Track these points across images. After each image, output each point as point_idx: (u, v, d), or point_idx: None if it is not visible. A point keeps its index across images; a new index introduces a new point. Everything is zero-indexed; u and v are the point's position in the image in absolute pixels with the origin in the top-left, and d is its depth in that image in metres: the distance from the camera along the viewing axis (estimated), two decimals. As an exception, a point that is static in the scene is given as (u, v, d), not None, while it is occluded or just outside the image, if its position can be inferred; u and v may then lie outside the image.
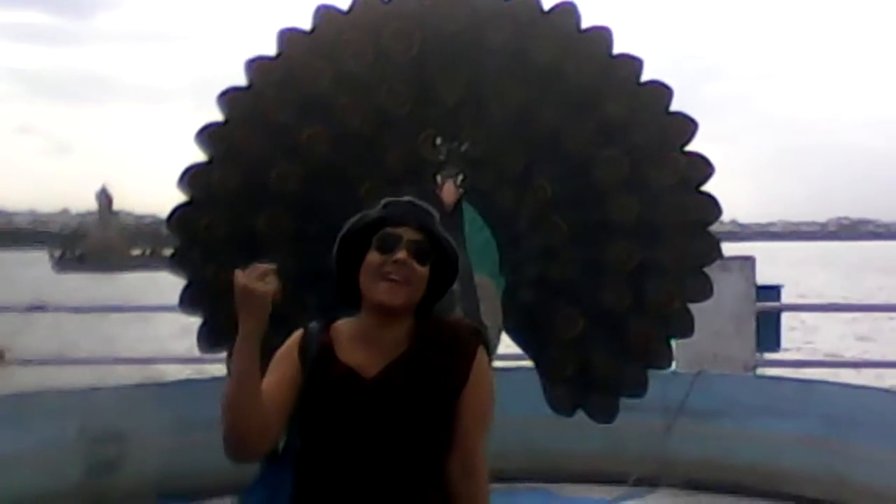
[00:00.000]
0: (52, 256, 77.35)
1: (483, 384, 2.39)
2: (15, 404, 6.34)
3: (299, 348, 2.40)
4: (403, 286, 2.32)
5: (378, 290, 2.31)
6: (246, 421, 2.25)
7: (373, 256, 2.33)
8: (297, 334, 2.44)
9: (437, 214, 2.43)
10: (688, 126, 5.28)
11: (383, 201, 2.42)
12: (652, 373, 5.43)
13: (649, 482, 6.66)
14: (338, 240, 2.41)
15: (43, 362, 8.68)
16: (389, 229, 2.33)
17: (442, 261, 2.39)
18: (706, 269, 5.37)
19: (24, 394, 6.76)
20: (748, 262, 7.56)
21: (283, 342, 2.46)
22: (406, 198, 2.44)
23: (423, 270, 2.34)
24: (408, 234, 2.33)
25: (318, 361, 2.35)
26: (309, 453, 2.33)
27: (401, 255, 2.31)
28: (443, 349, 2.37)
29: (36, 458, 5.99)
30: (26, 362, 8.35)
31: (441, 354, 2.36)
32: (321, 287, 2.85)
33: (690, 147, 5.29)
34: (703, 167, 5.29)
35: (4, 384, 7.25)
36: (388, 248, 2.32)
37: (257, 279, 2.28)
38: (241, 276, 2.27)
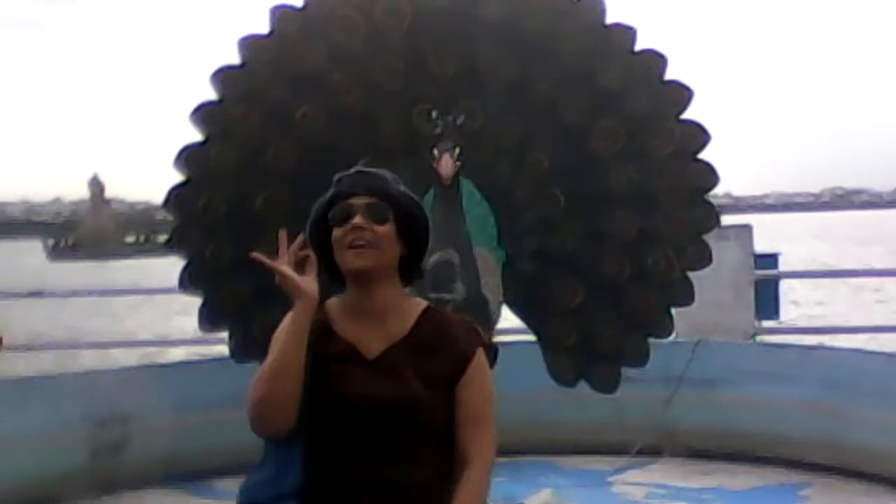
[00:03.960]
0: (45, 245, 77.13)
1: (480, 384, 2.39)
2: (18, 388, 6.35)
3: None
4: (369, 249, 2.34)
5: (347, 259, 2.34)
6: (283, 392, 2.28)
7: (335, 232, 2.36)
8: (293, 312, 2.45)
9: (389, 176, 2.44)
10: (683, 94, 5.27)
11: (335, 178, 2.44)
12: (652, 342, 5.44)
13: (652, 452, 6.70)
14: (306, 229, 2.43)
15: (42, 347, 8.70)
16: (342, 202, 2.37)
17: (406, 215, 2.40)
18: (704, 237, 5.37)
19: (26, 378, 6.79)
20: (745, 230, 7.58)
21: (280, 318, 2.47)
22: (354, 168, 2.46)
23: (384, 229, 2.35)
24: (359, 200, 2.36)
25: (318, 338, 2.36)
26: (314, 429, 2.34)
27: (357, 220, 2.34)
28: (443, 341, 2.38)
29: (41, 441, 6.02)
30: (26, 348, 8.38)
31: (440, 345, 2.38)
32: (321, 265, 2.85)
33: (686, 115, 5.29)
34: (699, 135, 5.27)
35: (4, 369, 7.27)
36: (344, 219, 2.35)
37: (295, 261, 2.32)
38: (282, 267, 2.31)
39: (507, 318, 5.34)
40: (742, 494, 6.18)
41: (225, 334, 5.52)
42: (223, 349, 5.71)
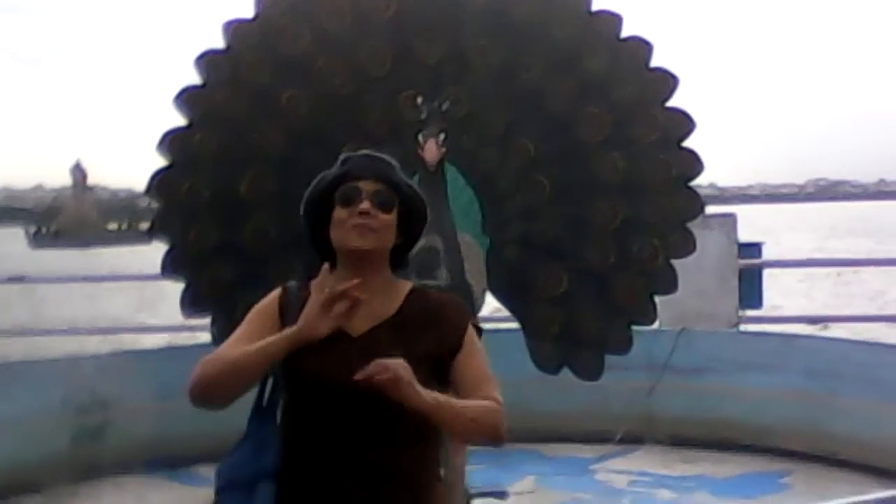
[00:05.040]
0: (27, 233, 76.72)
1: (476, 350, 2.41)
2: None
3: (279, 305, 2.41)
4: (371, 232, 2.35)
5: (348, 239, 2.35)
6: (233, 390, 2.32)
7: (338, 212, 2.36)
8: (276, 292, 2.44)
9: (395, 163, 2.45)
10: (668, 82, 5.27)
11: (341, 157, 2.44)
12: (636, 330, 5.44)
13: (634, 439, 6.71)
14: (304, 202, 2.44)
15: (23, 333, 8.64)
16: (350, 184, 2.37)
17: (408, 206, 2.42)
18: (689, 225, 5.37)
19: (7, 363, 6.74)
20: (730, 218, 7.59)
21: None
22: (363, 151, 2.47)
23: (387, 217, 2.37)
24: (367, 185, 2.36)
25: None
26: (294, 408, 2.35)
27: (364, 205, 2.34)
28: (431, 318, 2.39)
29: (21, 427, 5.98)
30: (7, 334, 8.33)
31: (429, 323, 2.38)
32: (305, 248, 2.86)
33: (671, 103, 5.29)
34: (684, 123, 5.28)
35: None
36: (350, 201, 2.35)
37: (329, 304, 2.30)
38: (322, 298, 2.30)
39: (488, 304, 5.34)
40: (724, 482, 6.19)
41: (207, 320, 5.49)
42: (205, 336, 5.67)
